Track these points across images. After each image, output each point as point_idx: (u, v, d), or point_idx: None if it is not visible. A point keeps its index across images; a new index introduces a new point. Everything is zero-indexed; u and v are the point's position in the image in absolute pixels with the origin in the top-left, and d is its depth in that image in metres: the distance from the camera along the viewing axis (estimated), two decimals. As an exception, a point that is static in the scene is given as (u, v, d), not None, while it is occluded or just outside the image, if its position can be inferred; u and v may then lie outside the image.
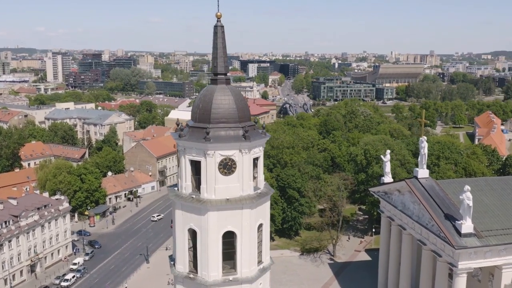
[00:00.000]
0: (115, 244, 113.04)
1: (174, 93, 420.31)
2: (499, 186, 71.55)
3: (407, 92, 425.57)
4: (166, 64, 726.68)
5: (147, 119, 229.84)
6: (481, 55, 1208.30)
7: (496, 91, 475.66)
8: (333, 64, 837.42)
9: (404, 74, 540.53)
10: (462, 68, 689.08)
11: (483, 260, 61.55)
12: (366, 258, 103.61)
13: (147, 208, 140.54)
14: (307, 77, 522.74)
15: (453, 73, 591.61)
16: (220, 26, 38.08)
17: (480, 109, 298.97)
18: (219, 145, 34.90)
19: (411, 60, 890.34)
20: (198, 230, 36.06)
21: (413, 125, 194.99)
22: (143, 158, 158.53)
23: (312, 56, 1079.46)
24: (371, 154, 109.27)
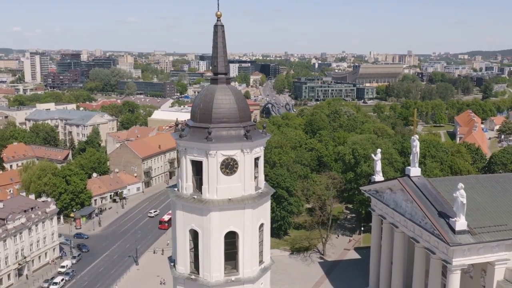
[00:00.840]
0: (103, 246, 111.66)
1: (155, 93, 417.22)
2: (489, 183, 72.62)
3: (387, 92, 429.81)
4: (146, 64, 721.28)
5: (129, 119, 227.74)
6: (458, 55, 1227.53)
7: (474, 90, 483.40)
8: (313, 64, 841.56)
9: (384, 74, 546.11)
10: (440, 68, 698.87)
11: (476, 257, 62.36)
12: (355, 257, 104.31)
13: (133, 209, 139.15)
14: (288, 77, 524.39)
15: (431, 73, 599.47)
16: (220, 25, 37.77)
17: (459, 108, 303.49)
18: (221, 145, 34.64)
19: (390, 60, 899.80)
20: (200, 231, 35.74)
21: (396, 124, 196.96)
22: (128, 159, 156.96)
23: (292, 56, 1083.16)
24: (359, 153, 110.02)
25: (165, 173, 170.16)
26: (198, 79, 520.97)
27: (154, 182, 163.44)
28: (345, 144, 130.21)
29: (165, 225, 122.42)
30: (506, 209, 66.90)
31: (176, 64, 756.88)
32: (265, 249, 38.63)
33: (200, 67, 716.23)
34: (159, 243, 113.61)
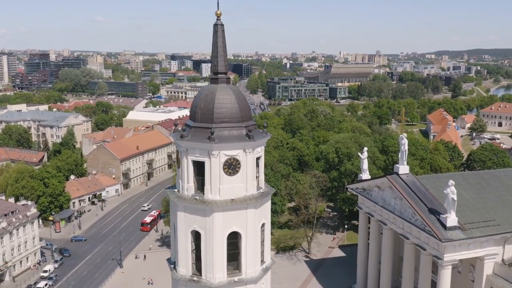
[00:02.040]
0: (85, 249, 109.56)
1: (126, 94, 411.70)
2: (475, 180, 74.19)
3: (359, 91, 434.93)
4: (116, 64, 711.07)
5: (104, 120, 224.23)
6: (425, 55, 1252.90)
7: (443, 89, 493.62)
8: (284, 64, 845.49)
9: (355, 73, 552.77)
10: (409, 68, 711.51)
11: (466, 252, 63.59)
12: (340, 254, 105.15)
13: (113, 211, 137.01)
14: (261, 77, 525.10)
15: (401, 73, 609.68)
16: (220, 24, 37.51)
17: (431, 107, 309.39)
18: (224, 145, 34.44)
19: (359, 60, 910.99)
20: (202, 232, 35.43)
21: (372, 123, 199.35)
22: (106, 161, 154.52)
23: (263, 56, 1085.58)
24: (342, 152, 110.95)
25: (144, 174, 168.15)
26: (170, 79, 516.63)
27: (132, 183, 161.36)
28: (325, 143, 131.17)
29: (147, 227, 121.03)
30: (493, 205, 68.47)
31: (147, 64, 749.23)
32: (266, 249, 38.70)
33: (172, 67, 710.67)
34: (141, 246, 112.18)
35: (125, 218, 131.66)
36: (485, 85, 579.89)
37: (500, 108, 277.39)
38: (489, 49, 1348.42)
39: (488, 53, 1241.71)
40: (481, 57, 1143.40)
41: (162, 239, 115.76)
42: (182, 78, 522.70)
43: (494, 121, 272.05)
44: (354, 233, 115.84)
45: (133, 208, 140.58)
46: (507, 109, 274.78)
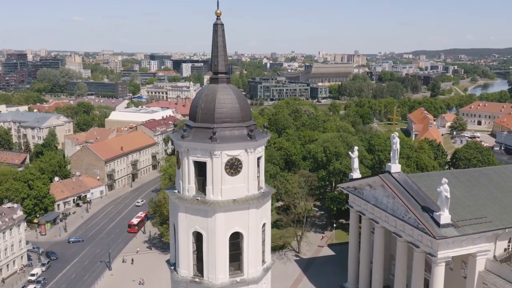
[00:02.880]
0: (72, 252, 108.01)
1: (106, 94, 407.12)
2: (465, 178, 75.36)
3: (340, 91, 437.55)
4: (95, 64, 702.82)
5: (86, 121, 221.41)
6: (403, 55, 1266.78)
7: (422, 88, 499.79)
8: (265, 64, 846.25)
9: (335, 73, 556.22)
10: (388, 68, 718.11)
11: (459, 249, 64.56)
12: (330, 253, 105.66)
13: (98, 213, 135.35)
14: (242, 77, 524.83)
15: (381, 72, 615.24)
16: (220, 24, 37.30)
17: (411, 106, 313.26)
18: (226, 145, 34.28)
19: (339, 59, 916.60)
20: (204, 233, 35.18)
21: (355, 122, 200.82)
22: (90, 162, 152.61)
23: (243, 56, 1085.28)
24: (330, 151, 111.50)
25: (128, 175, 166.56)
26: (150, 79, 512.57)
27: (117, 185, 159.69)
28: (312, 143, 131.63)
29: (135, 228, 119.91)
30: (484, 202, 69.67)
31: (126, 64, 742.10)
32: (266, 248, 38.66)
33: (151, 66, 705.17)
34: (129, 248, 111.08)
35: (111, 220, 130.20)
36: (463, 84, 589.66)
37: (479, 107, 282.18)
38: (465, 49, 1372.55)
39: (465, 53, 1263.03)
40: (458, 57, 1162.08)
41: (150, 241, 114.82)
42: (162, 78, 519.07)
43: (474, 119, 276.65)
44: (342, 232, 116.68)
45: (119, 209, 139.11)
46: (486, 108, 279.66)
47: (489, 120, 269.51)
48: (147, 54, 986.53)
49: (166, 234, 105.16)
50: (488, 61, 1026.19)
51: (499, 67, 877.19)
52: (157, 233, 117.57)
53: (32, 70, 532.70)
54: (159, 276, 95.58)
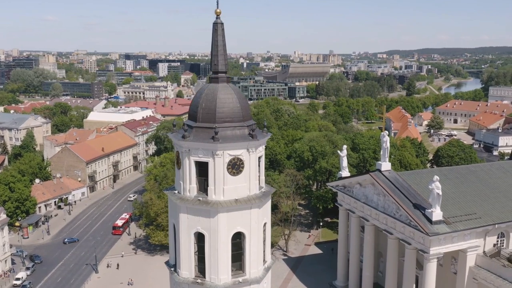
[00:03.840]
0: (56, 255, 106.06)
1: (82, 94, 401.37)
2: (453, 175, 76.63)
3: (317, 90, 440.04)
4: (69, 64, 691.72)
5: (64, 121, 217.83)
6: (377, 54, 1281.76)
7: (397, 88, 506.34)
8: (241, 63, 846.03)
9: (312, 73, 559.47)
10: (364, 67, 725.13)
11: (451, 245, 65.62)
12: (317, 252, 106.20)
13: (81, 215, 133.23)
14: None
15: (357, 72, 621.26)
16: (220, 23, 37.20)
17: (388, 105, 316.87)
18: (228, 145, 34.20)
19: (314, 59, 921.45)
20: (206, 233, 35.02)
21: (336, 121, 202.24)
22: (71, 163, 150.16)
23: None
24: (316, 150, 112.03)
25: (109, 176, 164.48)
26: (127, 79, 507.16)
27: (98, 186, 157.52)
28: (296, 142, 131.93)
29: (119, 230, 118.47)
30: (472, 199, 70.99)
31: (101, 64, 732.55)
32: (267, 248, 38.71)
33: (127, 66, 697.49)
34: (115, 250, 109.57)
35: (94, 221, 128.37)
36: (437, 84, 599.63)
37: (455, 106, 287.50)
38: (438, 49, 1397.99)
39: (437, 52, 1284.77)
40: (431, 56, 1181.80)
41: (135, 243, 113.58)
42: (139, 78, 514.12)
43: (450, 118, 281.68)
44: (328, 230, 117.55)
45: (102, 211, 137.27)
46: (462, 106, 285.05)
47: (465, 119, 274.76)
48: (122, 53, 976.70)
49: (152, 236, 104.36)
50: (461, 60, 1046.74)
51: (471, 66, 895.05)
52: (142, 235, 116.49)
53: (5, 70, 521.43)
54: (147, 278, 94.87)
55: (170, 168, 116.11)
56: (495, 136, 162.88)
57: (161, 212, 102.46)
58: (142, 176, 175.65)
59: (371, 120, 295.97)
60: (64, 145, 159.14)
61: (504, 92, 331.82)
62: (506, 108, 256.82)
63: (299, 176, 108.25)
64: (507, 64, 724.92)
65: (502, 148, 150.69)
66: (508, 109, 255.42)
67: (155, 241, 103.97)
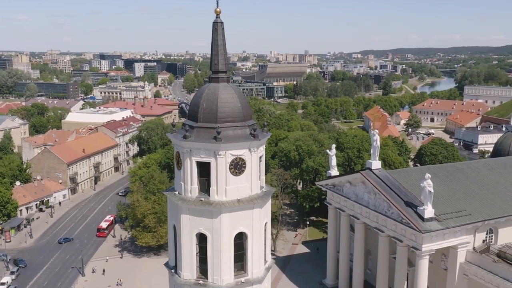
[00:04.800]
0: (41, 259, 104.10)
1: (57, 95, 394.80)
2: (441, 173, 77.70)
3: (295, 90, 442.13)
4: (43, 64, 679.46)
5: (42, 122, 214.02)
6: (352, 54, 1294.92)
7: (374, 87, 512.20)
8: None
9: (290, 73, 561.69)
10: (340, 67, 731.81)
11: (442, 242, 66.60)
12: (305, 250, 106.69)
13: (63, 218, 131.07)
14: (197, 77, 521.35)
15: (333, 72, 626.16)
16: (220, 22, 37.18)
17: (366, 104, 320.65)
18: (231, 144, 34.18)
19: (290, 59, 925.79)
20: (209, 234, 34.90)
21: (318, 121, 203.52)
22: (52, 165, 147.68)
23: (195, 56, 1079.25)
24: (303, 149, 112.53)
25: (91, 178, 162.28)
26: (102, 79, 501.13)
27: (80, 188, 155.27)
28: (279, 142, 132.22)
29: (104, 232, 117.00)
30: (461, 196, 72.14)
31: (75, 64, 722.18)
32: (267, 248, 38.86)
33: (102, 66, 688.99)
34: (100, 253, 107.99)
35: (77, 224, 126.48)
36: (412, 83, 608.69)
37: (432, 105, 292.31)
38: (411, 48, 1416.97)
39: (411, 52, 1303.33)
40: (405, 56, 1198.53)
41: (121, 245, 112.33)
42: (115, 78, 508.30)
43: (427, 117, 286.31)
44: (314, 229, 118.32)
45: (84, 213, 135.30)
46: (438, 105, 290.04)
47: (441, 117, 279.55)
48: (96, 53, 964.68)
49: (139, 238, 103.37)
50: (434, 60, 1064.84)
51: (445, 66, 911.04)
52: (127, 237, 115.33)
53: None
54: (135, 280, 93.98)
55: (156, 169, 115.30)
56: (474, 134, 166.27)
57: (148, 214, 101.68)
58: (124, 178, 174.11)
59: (350, 120, 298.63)
60: (43, 147, 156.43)
61: (479, 91, 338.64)
62: (482, 106, 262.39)
63: (286, 175, 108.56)
64: (479, 64, 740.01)
65: (482, 146, 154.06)
66: (483, 107, 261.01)
67: (142, 243, 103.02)
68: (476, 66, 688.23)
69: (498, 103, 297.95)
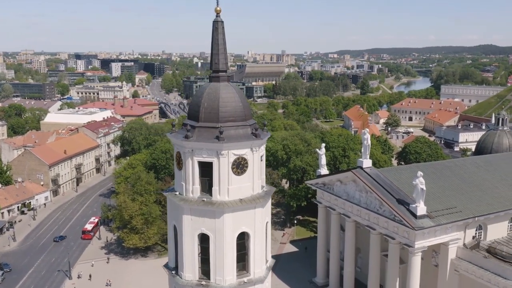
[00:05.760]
0: (25, 262, 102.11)
1: (33, 95, 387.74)
2: (430, 171, 78.68)
3: (275, 90, 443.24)
4: (18, 64, 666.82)
5: (20, 124, 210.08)
6: (328, 54, 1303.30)
7: (351, 87, 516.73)
8: (196, 63, 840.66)
9: (268, 72, 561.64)
10: (317, 67, 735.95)
11: (434, 238, 67.62)
12: (293, 250, 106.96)
13: (46, 220, 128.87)
14: (176, 76, 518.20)
15: (311, 71, 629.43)
16: (220, 21, 37.17)
17: (345, 104, 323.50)
18: (233, 144, 34.13)
19: (268, 59, 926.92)
20: (211, 234, 34.74)
21: (300, 120, 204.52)
22: (33, 167, 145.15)
23: (172, 55, 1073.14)
24: (290, 148, 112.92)
25: (72, 179, 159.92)
26: (79, 79, 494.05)
27: (62, 190, 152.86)
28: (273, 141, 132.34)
29: (89, 234, 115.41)
30: (451, 193, 73.33)
31: (50, 64, 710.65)
32: (268, 247, 38.92)
33: (78, 66, 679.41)
34: (86, 255, 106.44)
35: (61, 226, 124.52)
36: (388, 82, 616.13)
37: (410, 104, 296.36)
38: (386, 48, 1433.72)
39: (386, 52, 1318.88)
40: (380, 56, 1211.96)
41: (107, 247, 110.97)
42: (92, 78, 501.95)
43: (405, 115, 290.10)
44: (301, 228, 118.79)
45: (67, 215, 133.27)
46: (416, 104, 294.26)
47: (419, 116, 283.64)
48: (71, 53, 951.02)
49: (126, 239, 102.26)
50: (409, 59, 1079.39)
51: (420, 65, 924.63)
52: (113, 239, 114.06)
53: None
54: (123, 282, 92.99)
55: (142, 170, 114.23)
56: (455, 132, 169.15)
57: (135, 215, 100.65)
58: (106, 179, 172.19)
59: (330, 119, 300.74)
60: (23, 148, 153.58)
61: (455, 90, 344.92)
62: (459, 105, 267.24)
63: (275, 174, 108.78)
64: (454, 64, 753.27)
65: (462, 144, 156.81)
66: (461, 106, 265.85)
67: (130, 245, 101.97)
68: (450, 65, 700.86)
69: (475, 102, 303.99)
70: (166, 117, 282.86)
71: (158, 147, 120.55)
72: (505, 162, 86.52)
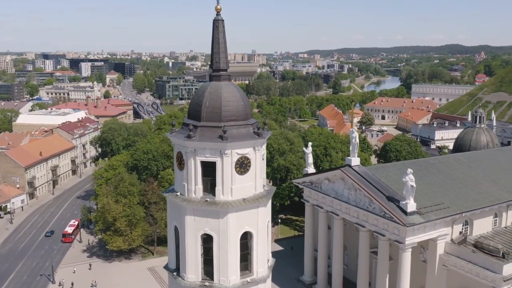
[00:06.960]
0: (6, 267, 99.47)
1: (1, 96, 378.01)
2: (415, 168, 79.08)
3: (248, 90, 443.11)
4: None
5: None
6: (298, 54, 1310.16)
7: (323, 86, 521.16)
8: (166, 63, 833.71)
9: (241, 72, 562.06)
10: (289, 67, 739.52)
11: (423, 234, 68.77)
12: (278, 248, 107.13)
13: (24, 224, 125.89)
14: (147, 76, 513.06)
15: (284, 71, 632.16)
16: (221, 20, 37.33)
17: (319, 103, 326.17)
18: (237, 143, 34.12)
19: (239, 59, 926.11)
20: (215, 235, 34.67)
21: (277, 120, 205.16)
22: (8, 169, 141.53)
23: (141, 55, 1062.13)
24: (274, 148, 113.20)
25: (48, 182, 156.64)
26: (48, 79, 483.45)
27: (38, 192, 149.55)
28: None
29: (70, 237, 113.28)
30: (437, 190, 74.71)
31: (17, 64, 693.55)
32: (268, 246, 39.10)
33: (47, 66, 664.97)
34: (68, 259, 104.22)
35: (40, 230, 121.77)
36: (359, 82, 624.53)
37: (383, 103, 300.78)
38: (355, 48, 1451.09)
39: (355, 52, 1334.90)
40: (350, 56, 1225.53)
41: (89, 250, 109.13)
42: (61, 78, 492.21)
43: (378, 114, 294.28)
44: (284, 227, 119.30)
45: (45, 219, 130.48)
46: (389, 103, 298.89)
47: (392, 115, 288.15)
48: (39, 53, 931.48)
49: (110, 242, 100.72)
50: (378, 59, 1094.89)
51: (389, 65, 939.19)
52: (95, 241, 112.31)
53: None
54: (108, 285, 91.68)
55: (124, 171, 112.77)
56: (431, 130, 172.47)
57: (119, 217, 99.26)
58: (82, 181, 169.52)
59: (305, 118, 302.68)
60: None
61: (426, 89, 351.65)
62: (431, 104, 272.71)
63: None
64: (422, 63, 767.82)
65: (439, 142, 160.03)
66: (432, 105, 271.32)
67: (113, 247, 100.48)
68: (419, 65, 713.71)
69: (445, 100, 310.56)
70: (140, 117, 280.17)
71: (139, 148, 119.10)
72: (486, 158, 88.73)
